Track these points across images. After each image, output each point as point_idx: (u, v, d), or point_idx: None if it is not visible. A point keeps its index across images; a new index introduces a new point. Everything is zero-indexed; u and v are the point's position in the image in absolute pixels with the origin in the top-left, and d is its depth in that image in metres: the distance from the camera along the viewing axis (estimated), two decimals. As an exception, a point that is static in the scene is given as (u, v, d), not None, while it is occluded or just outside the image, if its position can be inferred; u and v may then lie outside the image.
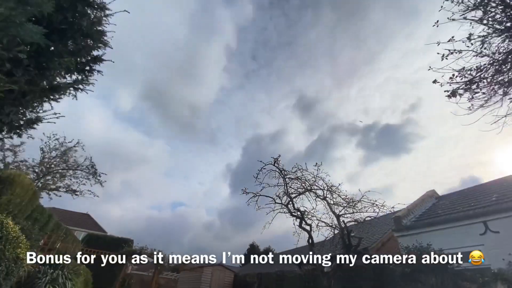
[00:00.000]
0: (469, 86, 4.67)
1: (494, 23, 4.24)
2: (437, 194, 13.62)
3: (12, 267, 4.60)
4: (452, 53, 4.53)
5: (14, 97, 4.23)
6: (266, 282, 16.61)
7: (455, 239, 8.74)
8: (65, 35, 4.31)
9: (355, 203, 9.09)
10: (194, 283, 19.45)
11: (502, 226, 7.80)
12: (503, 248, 7.46)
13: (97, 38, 4.69)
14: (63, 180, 15.82)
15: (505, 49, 4.32)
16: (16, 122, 4.68)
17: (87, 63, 4.88)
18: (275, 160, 9.39)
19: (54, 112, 4.88)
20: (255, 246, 45.93)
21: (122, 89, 64.87)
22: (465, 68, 4.62)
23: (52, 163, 15.41)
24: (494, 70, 4.49)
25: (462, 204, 10.17)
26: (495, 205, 8.39)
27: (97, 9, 4.58)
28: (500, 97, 4.59)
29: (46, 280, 6.39)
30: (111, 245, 14.75)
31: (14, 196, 7.67)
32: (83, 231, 24.70)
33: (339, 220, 8.91)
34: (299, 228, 9.33)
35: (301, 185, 9.63)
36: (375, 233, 14.22)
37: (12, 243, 4.64)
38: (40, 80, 4.41)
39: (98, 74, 5.05)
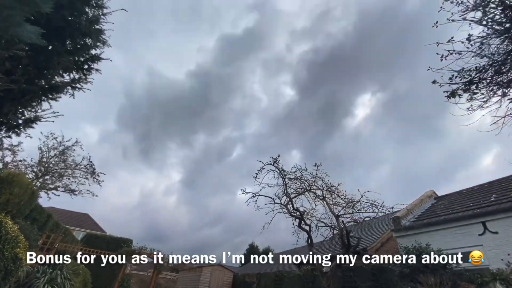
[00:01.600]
0: (468, 86, 4.67)
1: (493, 24, 4.24)
2: (436, 195, 13.64)
3: (11, 267, 4.58)
4: (452, 54, 4.53)
5: (13, 96, 4.21)
6: (265, 282, 16.62)
7: (454, 239, 8.75)
8: (63, 34, 4.30)
9: (354, 203, 9.10)
10: (193, 283, 19.44)
11: (500, 227, 7.81)
12: (502, 249, 7.47)
13: (95, 37, 4.68)
14: (61, 180, 15.78)
15: (504, 50, 4.32)
16: (15, 121, 4.66)
17: (86, 61, 4.86)
18: (275, 160, 9.40)
19: (53, 111, 4.87)
20: (255, 246, 45.94)
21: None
22: (464, 69, 4.62)
23: (50, 162, 15.37)
24: (493, 71, 4.49)
25: (461, 204, 10.18)
26: (494, 205, 8.40)
27: (95, 7, 4.57)
28: (499, 97, 4.59)
29: (45, 280, 6.37)
30: (111, 245, 14.73)
31: (13, 195, 7.64)
32: (82, 231, 24.66)
33: (338, 220, 8.91)
34: (299, 228, 9.34)
35: (301, 185, 9.64)
36: (374, 233, 14.23)
37: (10, 243, 4.62)
38: (39, 79, 4.39)
39: (97, 72, 5.03)
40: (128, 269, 16.69)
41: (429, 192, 13.53)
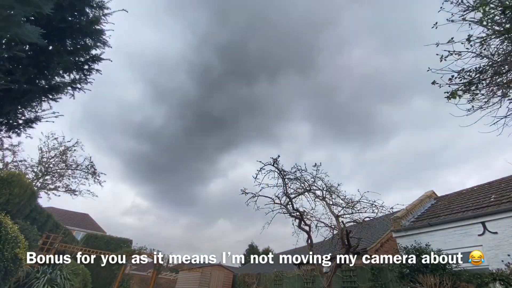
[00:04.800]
0: (468, 87, 4.68)
1: (493, 24, 4.24)
2: (436, 195, 13.65)
3: (11, 267, 4.58)
4: (452, 54, 4.54)
5: (13, 96, 4.21)
6: (265, 282, 16.63)
7: (454, 240, 8.76)
8: (64, 34, 4.30)
9: (354, 203, 9.08)
10: (193, 283, 19.44)
11: (500, 227, 7.82)
12: (501, 249, 7.49)
13: (96, 37, 4.68)
14: (62, 180, 15.79)
15: (504, 51, 4.33)
16: (15, 121, 4.66)
17: (86, 62, 4.86)
18: (275, 161, 9.39)
19: (53, 111, 4.87)
20: (254, 247, 45.97)
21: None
22: (464, 70, 4.62)
23: (51, 162, 15.38)
24: (493, 71, 4.50)
25: (461, 205, 10.19)
26: (494, 206, 8.41)
27: (95, 8, 4.57)
28: (499, 98, 4.60)
29: (45, 280, 6.38)
30: (110, 245, 14.75)
31: (13, 196, 7.65)
32: (82, 231, 24.65)
33: (338, 220, 8.90)
34: (298, 229, 9.34)
35: (300, 185, 9.63)
36: (374, 233, 14.24)
37: (10, 243, 4.63)
38: (39, 80, 4.39)
39: (97, 73, 5.04)
40: (128, 269, 16.69)
41: (429, 193, 13.55)
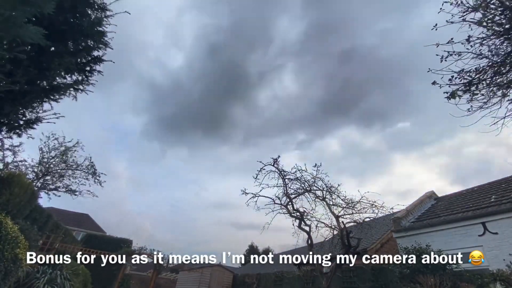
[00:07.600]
0: (468, 87, 4.69)
1: (493, 25, 4.26)
2: (436, 195, 13.65)
3: (11, 267, 4.58)
4: (451, 55, 4.55)
5: (14, 97, 4.22)
6: (265, 282, 16.62)
7: (454, 240, 8.76)
8: (65, 35, 4.31)
9: (354, 204, 9.10)
10: (193, 284, 19.43)
11: (500, 228, 7.82)
12: (502, 250, 7.49)
13: (97, 39, 4.70)
14: (62, 180, 15.77)
15: (504, 51, 4.34)
16: (16, 122, 4.67)
17: (88, 63, 4.88)
18: (275, 161, 9.41)
19: (54, 112, 4.88)
20: (255, 247, 45.95)
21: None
22: (464, 70, 4.64)
23: (51, 163, 15.37)
24: (493, 72, 4.51)
25: (461, 205, 10.19)
26: (494, 206, 8.41)
27: (97, 9, 4.59)
28: (499, 98, 4.61)
29: (45, 280, 6.38)
30: (110, 245, 14.74)
31: (13, 196, 7.65)
32: (82, 231, 24.65)
33: (338, 220, 8.91)
34: (299, 229, 9.34)
35: (301, 185, 9.65)
36: (374, 234, 14.24)
37: (10, 243, 4.62)
38: (40, 81, 4.41)
39: (98, 74, 5.05)
40: (128, 270, 16.69)
41: (429, 193, 13.54)
